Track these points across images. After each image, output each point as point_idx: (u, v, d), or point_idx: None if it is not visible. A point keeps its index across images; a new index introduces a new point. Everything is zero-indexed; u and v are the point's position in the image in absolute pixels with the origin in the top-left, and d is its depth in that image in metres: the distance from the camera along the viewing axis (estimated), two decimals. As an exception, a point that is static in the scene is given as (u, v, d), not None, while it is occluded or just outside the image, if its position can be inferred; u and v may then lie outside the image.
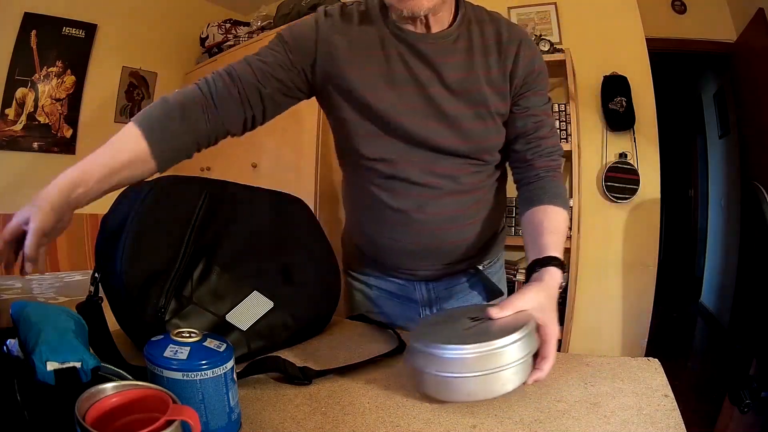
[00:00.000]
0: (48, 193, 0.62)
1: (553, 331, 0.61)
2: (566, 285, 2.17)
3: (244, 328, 0.72)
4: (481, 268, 0.97)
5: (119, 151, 0.70)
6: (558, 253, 0.71)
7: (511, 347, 0.54)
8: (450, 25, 0.81)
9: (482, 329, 0.58)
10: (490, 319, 0.60)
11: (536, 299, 0.63)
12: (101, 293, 0.70)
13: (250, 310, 0.73)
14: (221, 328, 0.70)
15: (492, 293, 0.96)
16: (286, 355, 0.73)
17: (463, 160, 0.84)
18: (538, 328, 0.60)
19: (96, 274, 0.70)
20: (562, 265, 0.70)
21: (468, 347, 0.53)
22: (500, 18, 0.85)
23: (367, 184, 0.87)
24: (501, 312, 0.60)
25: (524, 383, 0.56)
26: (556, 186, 0.84)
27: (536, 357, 0.59)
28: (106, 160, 0.69)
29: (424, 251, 0.88)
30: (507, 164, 0.92)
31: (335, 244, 0.96)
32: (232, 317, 0.71)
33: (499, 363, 0.53)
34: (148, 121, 0.73)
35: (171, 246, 0.69)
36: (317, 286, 0.85)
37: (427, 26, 0.80)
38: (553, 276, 0.68)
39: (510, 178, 0.93)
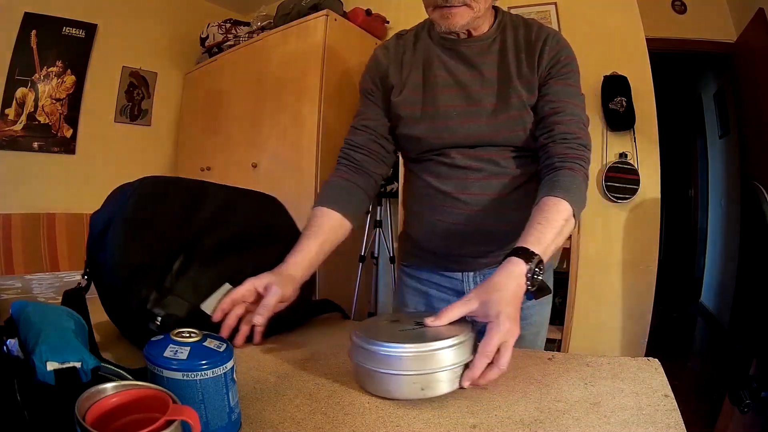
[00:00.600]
0: (292, 271, 0.79)
1: (496, 327, 0.60)
2: (566, 285, 2.17)
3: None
4: None
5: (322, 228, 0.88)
6: (530, 244, 0.70)
7: (443, 352, 0.57)
8: (488, 31, 0.92)
9: (420, 333, 0.61)
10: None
11: (477, 300, 0.63)
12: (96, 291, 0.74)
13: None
14: (196, 317, 0.73)
15: (540, 291, 0.92)
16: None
17: (504, 148, 0.91)
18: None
19: (87, 269, 0.77)
20: (529, 253, 0.68)
21: (399, 346, 0.57)
22: (534, 22, 0.95)
23: (421, 172, 0.98)
24: (435, 321, 0.62)
25: (461, 387, 0.59)
26: (564, 177, 0.81)
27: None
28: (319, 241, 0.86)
29: (469, 232, 0.93)
30: None
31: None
32: (206, 307, 0.75)
33: (430, 366, 0.56)
34: (331, 199, 0.92)
35: (153, 242, 0.74)
36: None
37: (469, 34, 0.92)
38: (508, 269, 0.67)
39: None
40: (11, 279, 1.24)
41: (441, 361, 0.57)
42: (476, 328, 0.63)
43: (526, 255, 0.68)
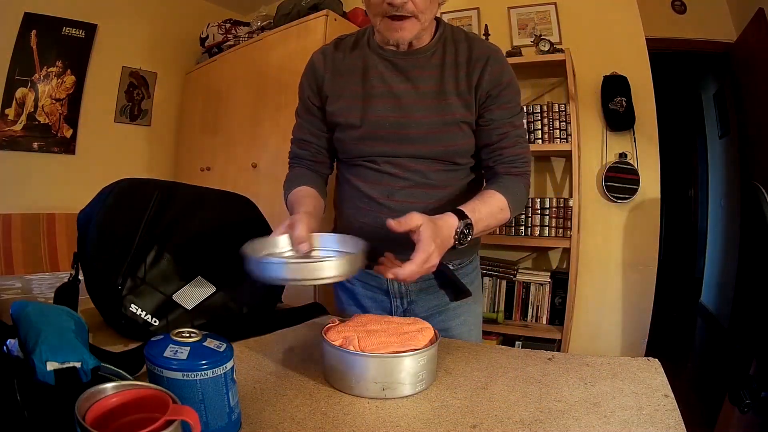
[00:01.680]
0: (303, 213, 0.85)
1: (423, 251, 0.71)
2: (566, 285, 2.17)
3: (189, 308, 0.83)
4: (451, 267, 0.99)
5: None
6: (465, 209, 0.81)
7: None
8: (428, 44, 0.93)
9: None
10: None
11: (428, 227, 0.73)
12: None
13: (194, 292, 0.84)
14: (168, 306, 0.81)
15: (460, 293, 0.98)
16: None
17: (431, 161, 0.94)
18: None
19: (76, 260, 0.86)
20: (463, 214, 0.80)
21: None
22: (476, 38, 0.96)
23: (350, 177, 1.01)
24: (398, 226, 0.73)
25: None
26: (505, 179, 0.92)
27: None
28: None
29: (391, 236, 0.94)
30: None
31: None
32: (178, 297, 0.82)
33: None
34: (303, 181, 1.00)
35: (127, 236, 0.82)
36: None
37: (410, 45, 0.92)
38: (444, 218, 0.78)
39: None
40: (11, 279, 1.24)
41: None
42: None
43: (460, 214, 0.79)
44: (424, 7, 0.85)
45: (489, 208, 0.85)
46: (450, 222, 0.78)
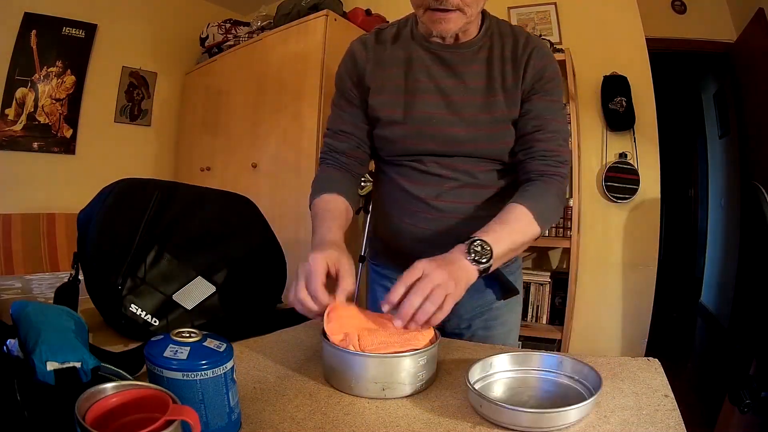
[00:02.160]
0: (338, 242, 0.80)
1: (414, 266, 0.66)
2: (566, 285, 2.17)
3: (189, 308, 0.83)
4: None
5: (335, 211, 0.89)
6: (480, 234, 0.74)
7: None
8: (475, 37, 0.89)
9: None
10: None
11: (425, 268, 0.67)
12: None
13: (194, 292, 0.84)
14: (168, 306, 0.81)
15: (508, 291, 0.97)
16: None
17: (480, 160, 0.90)
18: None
19: (76, 260, 0.86)
20: (470, 238, 0.73)
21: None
22: (522, 31, 0.91)
23: (395, 176, 0.95)
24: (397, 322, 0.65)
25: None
26: (534, 187, 0.85)
27: None
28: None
29: (440, 238, 0.90)
30: None
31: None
32: (178, 297, 0.82)
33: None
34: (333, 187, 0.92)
35: (127, 236, 0.82)
36: (258, 276, 0.95)
37: (456, 38, 0.88)
38: (453, 252, 0.72)
39: None
40: (11, 279, 1.24)
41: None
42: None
43: (468, 239, 0.73)
44: (471, 0, 0.80)
45: (506, 223, 0.78)
46: (452, 251, 0.72)
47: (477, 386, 0.57)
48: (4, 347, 0.51)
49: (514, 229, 0.78)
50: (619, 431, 0.51)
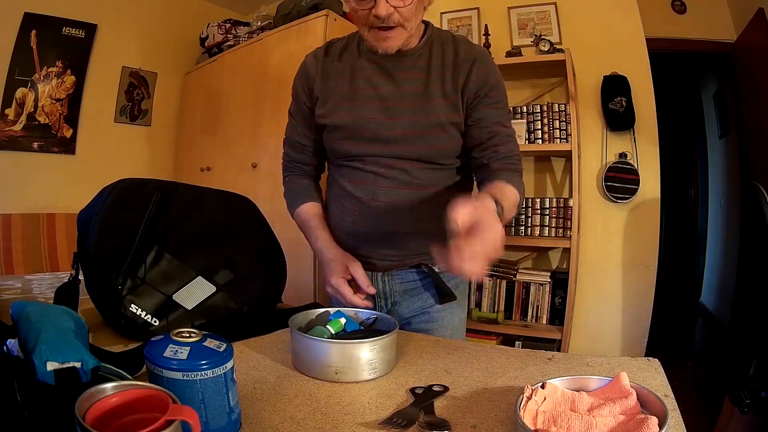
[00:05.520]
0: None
1: (489, 236, 0.60)
2: (566, 285, 2.17)
3: (189, 308, 0.83)
4: (436, 269, 0.99)
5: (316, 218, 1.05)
6: (494, 194, 0.75)
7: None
8: (415, 46, 0.95)
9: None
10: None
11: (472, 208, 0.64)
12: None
13: (194, 292, 0.84)
14: (168, 306, 0.81)
15: (445, 296, 1.01)
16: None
17: (416, 162, 0.95)
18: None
19: (76, 260, 0.87)
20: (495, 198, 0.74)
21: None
22: (462, 40, 0.98)
23: (339, 177, 1.02)
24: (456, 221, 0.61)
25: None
26: (510, 175, 0.90)
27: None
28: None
29: (373, 236, 0.98)
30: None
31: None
32: (178, 297, 0.82)
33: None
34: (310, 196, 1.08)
35: (127, 236, 0.82)
36: (258, 276, 0.96)
37: (398, 50, 0.93)
38: (481, 198, 0.72)
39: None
40: (11, 279, 1.24)
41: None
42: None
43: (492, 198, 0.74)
44: (410, 15, 0.86)
45: (508, 202, 0.82)
46: (488, 203, 0.71)
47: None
48: (4, 347, 0.51)
49: (509, 208, 0.82)
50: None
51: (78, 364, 0.47)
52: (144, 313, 0.78)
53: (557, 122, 2.19)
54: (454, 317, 1.06)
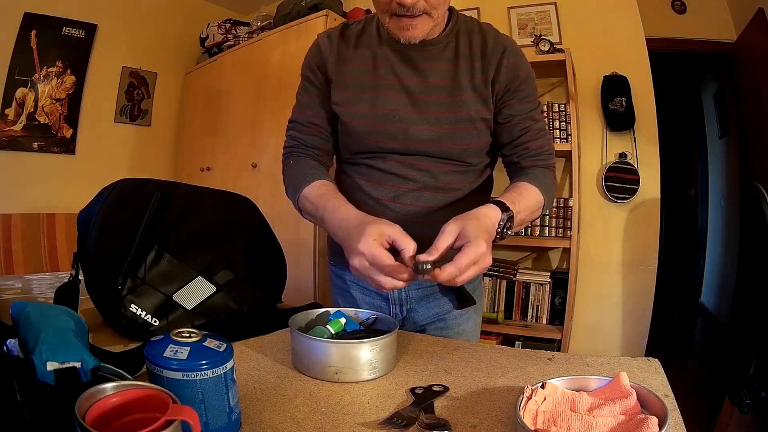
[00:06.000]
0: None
1: (474, 246, 0.65)
2: (566, 285, 2.17)
3: (189, 308, 0.83)
4: None
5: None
6: (506, 201, 0.76)
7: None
8: (441, 34, 0.87)
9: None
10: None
11: (456, 225, 0.68)
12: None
13: (194, 292, 0.84)
14: (168, 306, 0.81)
15: (464, 301, 0.95)
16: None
17: (442, 160, 0.89)
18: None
19: (76, 260, 0.87)
20: (504, 206, 0.75)
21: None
22: (490, 29, 0.90)
23: (355, 176, 0.94)
24: (429, 256, 0.65)
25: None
26: (538, 172, 0.88)
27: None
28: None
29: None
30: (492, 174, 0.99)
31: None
32: (178, 297, 0.82)
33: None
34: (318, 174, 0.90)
35: (127, 236, 0.82)
36: (258, 276, 0.95)
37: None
38: (485, 210, 0.73)
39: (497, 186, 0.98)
40: (11, 279, 1.24)
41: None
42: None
43: (502, 205, 0.74)
44: (438, 2, 0.78)
45: (527, 202, 0.80)
46: (492, 215, 0.72)
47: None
48: (4, 347, 0.51)
49: (528, 207, 0.81)
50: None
51: (78, 364, 0.47)
52: (144, 313, 0.78)
53: (557, 122, 2.19)
54: (470, 322, 1.01)
